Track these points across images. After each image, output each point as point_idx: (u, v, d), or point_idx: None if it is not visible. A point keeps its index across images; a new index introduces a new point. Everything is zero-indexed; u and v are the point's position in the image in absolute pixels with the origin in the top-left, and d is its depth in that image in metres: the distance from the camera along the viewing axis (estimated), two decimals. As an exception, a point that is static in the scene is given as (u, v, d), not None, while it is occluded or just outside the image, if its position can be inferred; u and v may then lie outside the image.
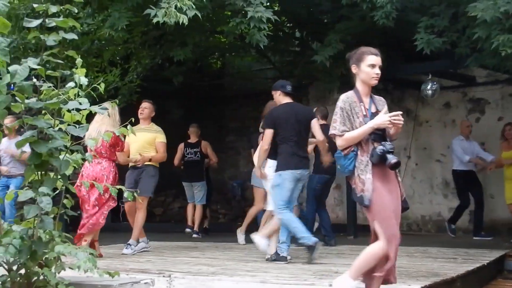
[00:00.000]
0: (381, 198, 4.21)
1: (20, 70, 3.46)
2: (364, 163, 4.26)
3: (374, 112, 4.35)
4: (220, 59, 14.12)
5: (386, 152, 4.20)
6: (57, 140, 3.68)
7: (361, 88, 4.41)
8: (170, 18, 7.06)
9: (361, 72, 4.39)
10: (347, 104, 4.33)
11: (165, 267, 6.50)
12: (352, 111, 4.31)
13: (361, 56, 4.39)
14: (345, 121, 4.30)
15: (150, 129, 8.34)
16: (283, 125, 7.02)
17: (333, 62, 9.45)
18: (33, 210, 3.63)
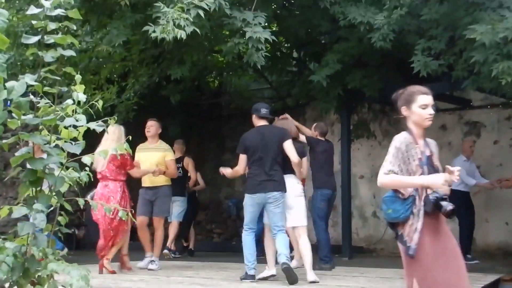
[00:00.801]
0: (426, 256, 3.88)
1: (17, 86, 3.45)
2: (417, 210, 3.93)
3: (429, 155, 4.07)
4: (217, 78, 14.15)
5: (440, 200, 3.87)
6: (53, 156, 3.67)
7: (415, 130, 4.10)
8: (169, 34, 7.09)
9: (413, 114, 4.07)
10: (403, 145, 4.02)
11: (158, 287, 6.46)
12: (408, 152, 4.01)
13: (412, 96, 4.09)
14: (397, 162, 4.00)
15: (159, 147, 8.57)
16: (250, 149, 7.17)
17: (331, 82, 9.47)
18: (27, 227, 3.60)
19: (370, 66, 9.99)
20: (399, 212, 3.97)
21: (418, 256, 3.86)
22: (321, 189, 8.70)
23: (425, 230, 3.87)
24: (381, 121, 12.90)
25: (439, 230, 3.95)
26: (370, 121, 12.64)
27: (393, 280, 7.24)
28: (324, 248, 8.54)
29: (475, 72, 8.06)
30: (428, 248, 3.87)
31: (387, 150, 11.88)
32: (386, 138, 12.86)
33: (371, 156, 12.98)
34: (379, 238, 12.63)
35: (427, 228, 3.88)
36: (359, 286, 6.59)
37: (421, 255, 3.87)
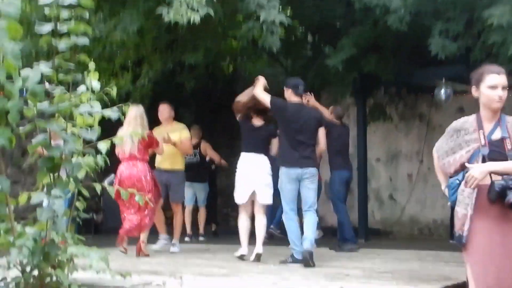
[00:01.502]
0: (480, 239, 3.61)
1: (32, 75, 3.51)
2: (466, 195, 3.66)
3: (500, 138, 3.70)
4: (231, 63, 14.13)
5: (506, 188, 3.53)
6: (69, 143, 3.73)
7: (483, 112, 3.80)
8: (182, 17, 7.08)
9: (482, 94, 3.77)
10: (453, 130, 3.89)
11: (176, 269, 6.52)
12: (460, 138, 3.79)
13: (481, 76, 3.78)
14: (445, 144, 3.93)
15: (174, 128, 8.57)
16: (290, 121, 7.14)
17: (346, 67, 9.44)
18: (46, 212, 3.67)
19: (386, 49, 9.93)
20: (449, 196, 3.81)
21: (470, 239, 3.62)
22: (338, 172, 8.73)
23: (483, 219, 3.59)
24: (397, 104, 12.85)
25: (506, 223, 3.60)
26: (386, 104, 12.58)
27: (409, 261, 7.26)
28: (349, 230, 8.64)
29: (493, 53, 7.99)
30: (483, 232, 3.60)
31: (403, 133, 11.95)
32: (402, 121, 12.83)
33: (387, 140, 12.95)
34: (395, 220, 12.63)
35: (487, 217, 3.59)
36: (375, 267, 6.62)
37: (474, 238, 3.62)
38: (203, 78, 12.33)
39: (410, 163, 12.65)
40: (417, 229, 12.33)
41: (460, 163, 3.75)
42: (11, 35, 3.43)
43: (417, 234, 12.26)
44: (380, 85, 11.53)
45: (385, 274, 6.11)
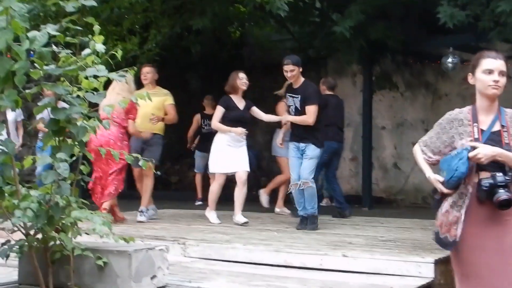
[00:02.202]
0: (470, 249, 3.33)
1: (39, 36, 3.48)
2: (459, 195, 3.38)
3: (497, 130, 3.39)
4: (239, 29, 14.04)
5: (494, 186, 3.24)
6: (75, 106, 3.71)
7: (479, 102, 3.46)
8: None
9: (477, 80, 3.44)
10: (446, 121, 3.54)
11: (179, 235, 6.57)
12: (454, 130, 3.47)
13: (477, 61, 3.47)
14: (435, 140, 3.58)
15: (158, 92, 8.22)
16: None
17: (353, 34, 9.36)
18: (50, 175, 3.68)
19: (394, 17, 9.84)
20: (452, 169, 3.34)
21: (460, 248, 3.36)
22: (328, 142, 8.63)
23: (473, 221, 3.31)
24: (403, 73, 12.77)
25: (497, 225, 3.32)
26: (393, 72, 12.50)
27: (413, 230, 7.28)
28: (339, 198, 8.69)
29: (501, 22, 7.91)
30: (474, 240, 3.32)
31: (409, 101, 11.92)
32: (408, 90, 12.77)
33: (393, 108, 12.91)
34: (399, 189, 12.67)
35: (475, 219, 3.32)
36: (378, 236, 6.64)
37: (464, 247, 3.35)
38: (210, 43, 12.27)
39: (415, 131, 12.61)
40: (421, 197, 12.35)
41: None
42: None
43: (421, 202, 12.29)
44: (386, 53, 11.45)
45: (388, 242, 6.13)
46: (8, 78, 3.48)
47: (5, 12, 3.40)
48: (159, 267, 4.25)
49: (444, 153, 3.50)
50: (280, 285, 4.54)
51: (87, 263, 4.07)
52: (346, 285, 4.61)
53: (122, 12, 10.19)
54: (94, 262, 4.01)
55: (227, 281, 4.66)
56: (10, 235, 3.94)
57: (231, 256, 5.71)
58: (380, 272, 5.08)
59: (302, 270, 5.25)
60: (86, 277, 4.09)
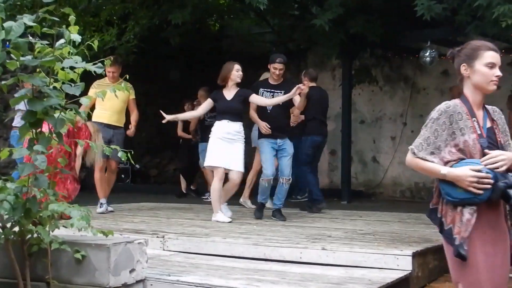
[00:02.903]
0: (477, 257, 3.07)
1: (15, 27, 3.43)
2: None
3: (490, 127, 3.21)
4: (218, 21, 14.00)
5: (509, 187, 3.02)
6: (52, 98, 3.66)
7: (472, 97, 3.23)
8: None
9: (475, 73, 3.19)
10: (444, 115, 3.19)
11: (159, 228, 6.54)
12: (454, 124, 3.15)
13: (475, 52, 3.20)
14: (433, 139, 3.19)
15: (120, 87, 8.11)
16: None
17: (333, 27, 9.37)
18: (27, 168, 3.63)
19: (373, 10, 9.87)
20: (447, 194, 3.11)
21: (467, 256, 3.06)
22: (311, 136, 8.62)
23: (479, 223, 3.06)
24: (382, 67, 12.84)
25: (496, 226, 3.15)
26: (372, 66, 12.56)
27: (391, 223, 7.32)
28: (316, 189, 8.60)
29: (478, 16, 7.97)
30: (480, 247, 3.08)
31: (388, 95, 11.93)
32: (387, 84, 12.83)
33: (371, 101, 12.97)
34: (378, 182, 12.74)
35: (483, 218, 3.09)
36: (357, 229, 6.67)
37: (471, 254, 3.06)
38: (190, 35, 12.21)
39: (394, 125, 12.70)
40: (399, 191, 12.44)
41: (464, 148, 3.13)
42: (-6, -14, 3.35)
43: (399, 196, 12.38)
44: (366, 47, 11.49)
45: (367, 235, 6.16)
46: (-17, 69, 3.43)
47: (-20, 3, 3.35)
48: (138, 261, 4.21)
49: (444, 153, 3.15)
50: (259, 278, 4.54)
51: (65, 256, 4.02)
52: (325, 278, 4.62)
53: (99, 2, 10.11)
54: (72, 256, 3.97)
55: (207, 274, 4.64)
56: (-14, 228, 3.89)
57: (210, 249, 5.69)
58: (359, 265, 5.09)
59: (282, 263, 5.24)
60: (64, 270, 4.05)
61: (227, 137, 7.27)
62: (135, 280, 4.19)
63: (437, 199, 3.23)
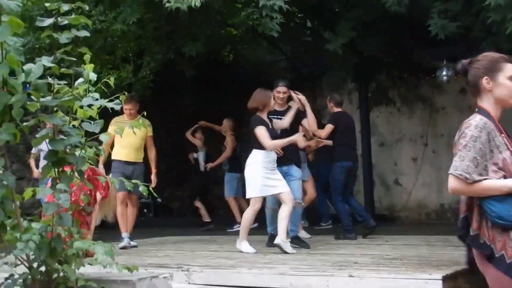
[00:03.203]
0: None
1: (35, 69, 3.48)
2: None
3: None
4: (232, 52, 14.09)
5: None
6: (72, 136, 3.70)
7: (494, 111, 3.07)
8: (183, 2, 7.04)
9: (499, 86, 3.04)
10: (484, 132, 2.94)
11: (183, 261, 6.51)
12: (492, 142, 2.95)
13: (496, 64, 3.07)
14: (480, 159, 2.91)
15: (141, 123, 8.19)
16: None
17: (346, 51, 9.40)
18: (51, 207, 3.65)
19: (385, 32, 9.88)
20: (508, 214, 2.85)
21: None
22: (341, 161, 8.57)
23: None
24: (399, 87, 12.80)
25: None
26: (389, 87, 12.54)
27: (418, 247, 7.23)
28: (345, 219, 8.53)
29: (493, 32, 7.94)
30: None
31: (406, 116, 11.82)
32: (405, 105, 12.79)
33: (390, 123, 12.91)
34: (402, 205, 12.61)
35: None
36: (383, 254, 6.59)
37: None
38: (203, 67, 12.31)
39: (414, 146, 12.62)
40: (425, 213, 12.31)
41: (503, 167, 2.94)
42: (13, 30, 3.40)
43: (425, 219, 12.25)
44: (381, 69, 11.49)
45: (394, 260, 6.08)
46: (5, 112, 3.47)
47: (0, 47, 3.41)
48: (164, 295, 4.20)
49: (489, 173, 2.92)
50: (287, 308, 4.49)
51: (92, 294, 4.01)
52: (354, 304, 4.56)
53: (115, 41, 10.24)
54: (98, 293, 3.96)
55: (234, 306, 4.61)
56: (14, 269, 3.90)
57: (236, 281, 5.65)
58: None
59: (309, 292, 5.19)
60: (91, 308, 4.04)
61: (272, 165, 7.16)
62: (162, 315, 4.17)
63: (478, 224, 2.94)
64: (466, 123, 3.02)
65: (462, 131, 2.99)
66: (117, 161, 8.29)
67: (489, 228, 2.90)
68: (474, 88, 3.14)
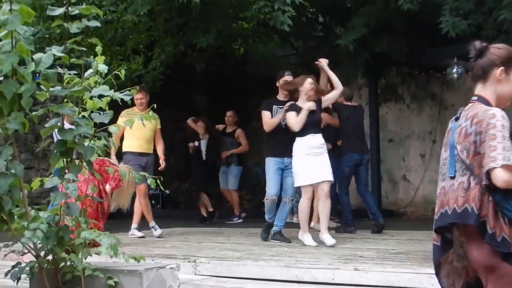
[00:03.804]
0: None
1: (45, 58, 3.50)
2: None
3: None
4: (243, 45, 14.09)
5: None
6: (82, 127, 3.72)
7: (495, 103, 2.98)
8: None
9: (509, 81, 2.97)
10: (507, 124, 2.82)
11: (190, 253, 6.55)
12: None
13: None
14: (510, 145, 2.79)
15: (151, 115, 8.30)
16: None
17: (357, 47, 9.38)
18: (59, 196, 3.67)
19: (397, 29, 9.86)
20: None
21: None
22: (348, 154, 8.58)
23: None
24: (409, 84, 12.78)
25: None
26: (398, 84, 12.52)
27: (424, 242, 7.21)
28: (347, 212, 8.57)
29: (504, 30, 7.91)
30: None
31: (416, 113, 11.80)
32: (414, 101, 12.76)
33: (399, 120, 12.90)
34: (409, 201, 12.61)
35: None
36: (389, 249, 6.61)
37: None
38: (214, 60, 12.32)
39: (422, 143, 12.60)
40: (431, 209, 12.27)
41: None
42: (24, 19, 3.42)
43: (431, 214, 12.20)
44: (391, 65, 11.46)
45: (400, 255, 6.10)
46: (14, 101, 3.49)
47: (9, 36, 3.42)
48: (170, 286, 4.21)
49: None
50: (292, 301, 4.51)
51: (98, 283, 4.04)
52: (359, 298, 4.58)
53: (126, 32, 10.26)
54: (105, 282, 3.98)
55: (239, 298, 4.63)
56: (21, 257, 3.93)
57: (242, 272, 5.68)
58: (393, 285, 5.05)
59: (314, 285, 5.21)
60: (97, 297, 4.07)
61: (314, 151, 7.11)
62: (168, 305, 4.20)
63: (495, 223, 2.81)
64: (487, 113, 2.84)
65: (488, 122, 2.81)
66: (130, 153, 8.37)
67: (505, 225, 2.81)
68: (482, 73, 2.99)
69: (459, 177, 2.90)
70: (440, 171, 3.06)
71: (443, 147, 3.08)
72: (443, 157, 3.06)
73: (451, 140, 3.00)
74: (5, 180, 3.50)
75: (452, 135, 3.01)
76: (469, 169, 2.86)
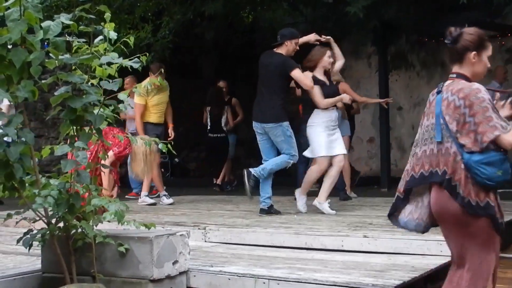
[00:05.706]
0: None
1: (53, 26, 3.49)
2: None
3: None
4: (251, 13, 13.98)
5: None
6: (91, 95, 3.72)
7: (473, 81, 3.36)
8: None
9: (480, 63, 3.37)
10: (488, 96, 3.22)
11: (200, 220, 6.60)
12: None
13: (484, 42, 3.40)
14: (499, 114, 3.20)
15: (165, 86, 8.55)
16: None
17: (366, 15, 9.29)
18: (70, 164, 3.70)
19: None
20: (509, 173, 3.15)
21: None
22: None
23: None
24: (418, 52, 12.68)
25: None
26: (408, 52, 12.42)
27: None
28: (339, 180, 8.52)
29: (515, -3, 7.83)
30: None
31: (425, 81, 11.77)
32: (424, 69, 12.68)
33: (409, 87, 12.84)
34: (418, 169, 12.60)
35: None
36: (398, 216, 6.61)
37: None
38: (222, 29, 12.24)
39: (432, 111, 12.55)
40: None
41: None
42: (31, -13, 3.41)
43: (440, 182, 12.23)
44: (401, 33, 11.36)
45: (408, 222, 6.11)
46: (23, 69, 3.50)
47: (18, 3, 3.41)
48: (180, 253, 4.26)
49: None
50: (301, 267, 4.54)
51: (109, 250, 4.09)
52: (368, 265, 4.61)
53: (134, 0, 10.20)
54: (115, 249, 4.04)
55: (249, 264, 4.67)
56: (32, 225, 3.98)
57: (251, 240, 5.72)
58: (402, 251, 5.07)
59: (323, 252, 5.24)
60: (108, 264, 4.12)
61: (333, 125, 7.09)
62: (178, 272, 4.25)
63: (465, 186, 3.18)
64: (471, 88, 3.22)
65: (476, 96, 3.18)
66: (150, 123, 8.53)
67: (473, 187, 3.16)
68: (458, 56, 3.39)
69: (444, 143, 3.28)
70: (422, 137, 3.54)
71: (426, 116, 3.51)
72: (425, 124, 3.50)
73: (437, 110, 3.36)
74: (15, 148, 3.52)
75: (437, 106, 3.37)
76: (452, 137, 3.22)
